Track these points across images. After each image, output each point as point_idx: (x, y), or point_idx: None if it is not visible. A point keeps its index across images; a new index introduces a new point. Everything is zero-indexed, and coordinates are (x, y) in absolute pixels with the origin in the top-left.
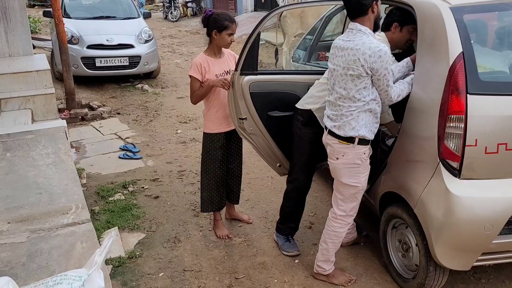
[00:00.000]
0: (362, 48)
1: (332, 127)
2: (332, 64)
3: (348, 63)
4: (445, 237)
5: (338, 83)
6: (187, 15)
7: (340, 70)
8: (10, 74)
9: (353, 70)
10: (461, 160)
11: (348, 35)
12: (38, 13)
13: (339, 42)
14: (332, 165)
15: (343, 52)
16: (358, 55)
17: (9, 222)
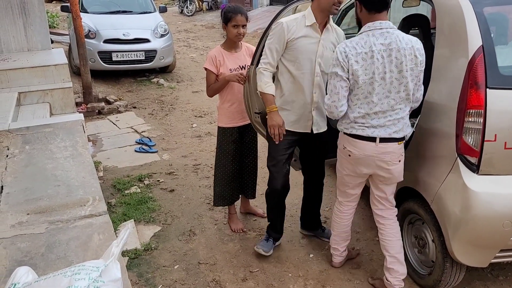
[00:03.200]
0: (412, 44)
1: (391, 134)
2: (377, 73)
3: (406, 64)
4: (463, 233)
5: (394, 89)
6: (203, 9)
7: (396, 74)
8: (28, 68)
9: (413, 69)
10: (480, 155)
11: (385, 36)
12: (56, 8)
13: (378, 47)
14: (395, 169)
15: (393, 55)
16: (413, 52)
17: (28, 213)
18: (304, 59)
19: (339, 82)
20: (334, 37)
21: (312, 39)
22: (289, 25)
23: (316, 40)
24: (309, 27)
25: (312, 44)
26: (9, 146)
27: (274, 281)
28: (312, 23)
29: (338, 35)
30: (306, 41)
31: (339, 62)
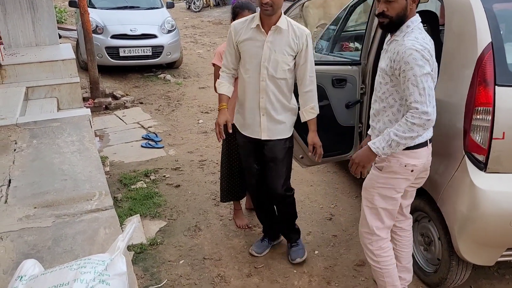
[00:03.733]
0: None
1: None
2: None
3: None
4: (469, 231)
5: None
6: (210, 5)
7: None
8: (36, 63)
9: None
10: (488, 153)
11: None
12: (64, 3)
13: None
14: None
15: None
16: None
17: (35, 207)
18: (251, 62)
19: (431, 82)
20: (289, 39)
21: (257, 42)
22: (236, 27)
23: (261, 43)
24: (254, 29)
25: (257, 47)
26: (17, 140)
27: (279, 277)
28: (256, 25)
29: (298, 36)
30: (251, 44)
31: (426, 61)
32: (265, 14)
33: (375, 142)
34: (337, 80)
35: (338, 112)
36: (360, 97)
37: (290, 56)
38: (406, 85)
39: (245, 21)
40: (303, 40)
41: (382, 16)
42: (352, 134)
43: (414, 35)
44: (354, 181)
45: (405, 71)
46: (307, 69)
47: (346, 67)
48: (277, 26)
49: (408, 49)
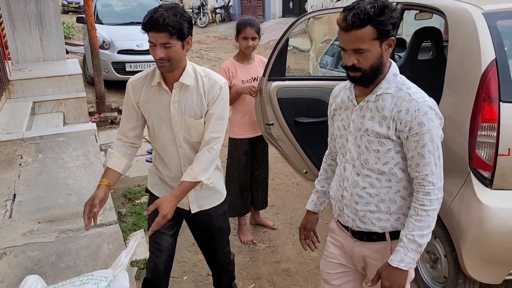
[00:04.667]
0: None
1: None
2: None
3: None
4: (475, 248)
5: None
6: (216, 21)
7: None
8: (44, 78)
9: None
10: (493, 169)
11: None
12: (71, 19)
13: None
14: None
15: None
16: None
17: (39, 221)
18: (160, 128)
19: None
20: (199, 95)
21: (161, 103)
22: (134, 85)
23: (166, 104)
24: (155, 88)
25: (163, 110)
26: (22, 155)
27: None
28: (157, 82)
29: (206, 90)
30: (155, 106)
31: (442, 121)
32: (162, 70)
33: (401, 258)
34: None
35: None
36: None
37: (203, 118)
38: (418, 152)
39: (144, 77)
40: (214, 93)
41: (352, 69)
42: None
43: (412, 85)
44: None
45: (418, 135)
46: (209, 123)
47: None
48: (180, 82)
49: (422, 106)
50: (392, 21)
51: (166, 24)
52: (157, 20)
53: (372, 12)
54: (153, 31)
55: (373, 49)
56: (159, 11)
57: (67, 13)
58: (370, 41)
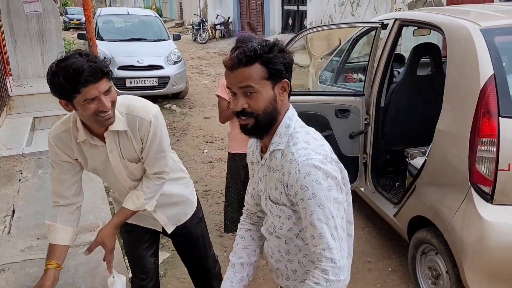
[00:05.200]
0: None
1: None
2: None
3: None
4: (477, 264)
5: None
6: (216, 37)
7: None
8: (44, 94)
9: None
10: (494, 185)
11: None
12: (73, 36)
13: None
14: None
15: None
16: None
17: (38, 238)
18: (105, 175)
19: (343, 215)
20: (131, 138)
21: (97, 155)
22: (61, 138)
23: (104, 154)
24: (84, 142)
25: (102, 160)
26: (22, 170)
27: None
28: (83, 139)
29: (137, 128)
30: (92, 159)
31: (333, 179)
32: (108, 124)
33: None
34: (340, 110)
35: (342, 142)
36: (364, 128)
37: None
38: (309, 221)
39: (67, 131)
40: (144, 131)
41: (244, 115)
42: (356, 164)
43: (302, 139)
44: (360, 212)
45: (304, 200)
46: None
47: (349, 98)
48: (111, 131)
49: (303, 167)
50: (283, 61)
51: (101, 68)
52: (95, 69)
53: (259, 48)
54: (93, 83)
55: (265, 90)
56: (81, 61)
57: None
58: (260, 80)
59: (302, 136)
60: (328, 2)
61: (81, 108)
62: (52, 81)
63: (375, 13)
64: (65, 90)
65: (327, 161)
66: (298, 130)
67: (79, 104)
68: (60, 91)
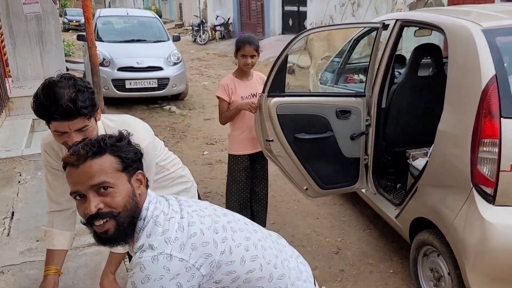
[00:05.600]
0: None
1: None
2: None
3: None
4: (479, 266)
5: None
6: (216, 38)
7: None
8: None
9: None
10: (496, 185)
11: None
12: (72, 37)
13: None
14: None
15: None
16: None
17: (37, 240)
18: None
19: None
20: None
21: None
22: (49, 149)
23: None
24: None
25: None
26: (21, 172)
27: None
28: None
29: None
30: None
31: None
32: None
33: None
34: (341, 111)
35: (343, 143)
36: (365, 129)
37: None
38: None
39: (58, 145)
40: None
41: (99, 219)
42: (357, 166)
43: (158, 229)
44: (361, 214)
45: None
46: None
47: (350, 99)
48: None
49: (136, 277)
50: (134, 150)
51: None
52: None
53: (108, 138)
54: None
55: (121, 184)
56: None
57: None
58: (114, 173)
59: (160, 227)
60: (328, 3)
61: (52, 134)
62: (34, 99)
63: (375, 14)
64: (39, 115)
65: (163, 256)
66: (153, 225)
67: (51, 130)
68: (36, 112)
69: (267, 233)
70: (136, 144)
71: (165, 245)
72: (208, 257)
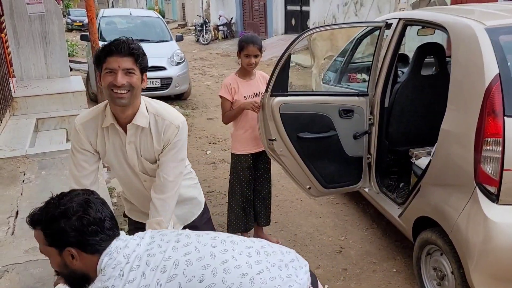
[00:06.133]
0: None
1: None
2: None
3: None
4: (483, 265)
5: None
6: (218, 38)
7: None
8: (47, 95)
9: None
10: (499, 184)
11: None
12: (75, 37)
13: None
14: None
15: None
16: None
17: None
18: (120, 168)
19: None
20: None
21: (116, 143)
22: (86, 127)
23: (122, 145)
24: (109, 129)
25: (120, 150)
26: (25, 172)
27: None
28: (109, 123)
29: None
30: (111, 146)
31: None
32: (119, 104)
33: None
34: (344, 111)
35: (346, 142)
36: (368, 128)
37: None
38: None
39: (95, 118)
40: (169, 135)
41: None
42: (360, 165)
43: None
44: (364, 213)
45: None
46: (165, 167)
47: (353, 98)
48: (133, 124)
49: None
50: (67, 228)
51: (132, 48)
52: (124, 43)
53: (40, 212)
54: (116, 55)
55: (51, 255)
56: (123, 39)
57: (71, 31)
58: (44, 246)
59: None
60: (331, 2)
61: (102, 78)
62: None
63: (378, 13)
64: (98, 58)
65: None
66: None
67: (102, 75)
68: (97, 59)
69: (254, 251)
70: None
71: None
72: None
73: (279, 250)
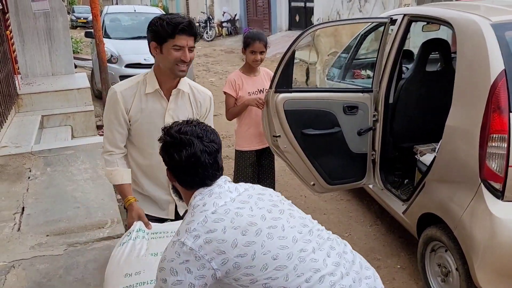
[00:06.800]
0: None
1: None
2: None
3: None
4: (487, 261)
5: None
6: (222, 34)
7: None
8: (52, 92)
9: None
10: (504, 181)
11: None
12: (80, 34)
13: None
14: None
15: None
16: None
17: (47, 234)
18: (152, 136)
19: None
20: (192, 104)
21: (155, 111)
22: (124, 94)
23: (161, 112)
24: (151, 95)
25: (157, 119)
26: (31, 168)
27: None
28: (154, 89)
29: (200, 101)
30: (148, 115)
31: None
32: (181, 75)
33: None
34: (349, 107)
35: (350, 139)
36: (373, 124)
37: None
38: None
39: (134, 85)
40: (207, 105)
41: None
42: (364, 161)
43: (188, 218)
44: (369, 209)
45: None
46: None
47: (357, 94)
48: (179, 89)
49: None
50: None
51: (195, 29)
52: (191, 24)
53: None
54: (186, 34)
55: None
56: (186, 17)
57: (76, 28)
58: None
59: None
60: None
61: (167, 52)
62: (156, 24)
63: (383, 9)
64: (164, 32)
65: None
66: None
67: (167, 48)
68: (158, 33)
69: (335, 253)
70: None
71: (184, 233)
72: (220, 254)
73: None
